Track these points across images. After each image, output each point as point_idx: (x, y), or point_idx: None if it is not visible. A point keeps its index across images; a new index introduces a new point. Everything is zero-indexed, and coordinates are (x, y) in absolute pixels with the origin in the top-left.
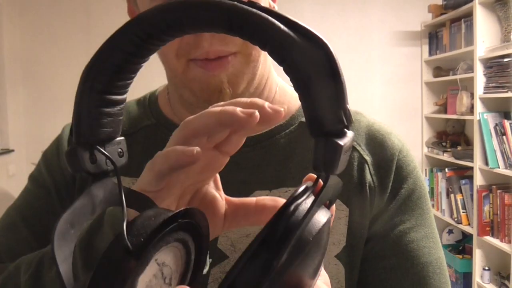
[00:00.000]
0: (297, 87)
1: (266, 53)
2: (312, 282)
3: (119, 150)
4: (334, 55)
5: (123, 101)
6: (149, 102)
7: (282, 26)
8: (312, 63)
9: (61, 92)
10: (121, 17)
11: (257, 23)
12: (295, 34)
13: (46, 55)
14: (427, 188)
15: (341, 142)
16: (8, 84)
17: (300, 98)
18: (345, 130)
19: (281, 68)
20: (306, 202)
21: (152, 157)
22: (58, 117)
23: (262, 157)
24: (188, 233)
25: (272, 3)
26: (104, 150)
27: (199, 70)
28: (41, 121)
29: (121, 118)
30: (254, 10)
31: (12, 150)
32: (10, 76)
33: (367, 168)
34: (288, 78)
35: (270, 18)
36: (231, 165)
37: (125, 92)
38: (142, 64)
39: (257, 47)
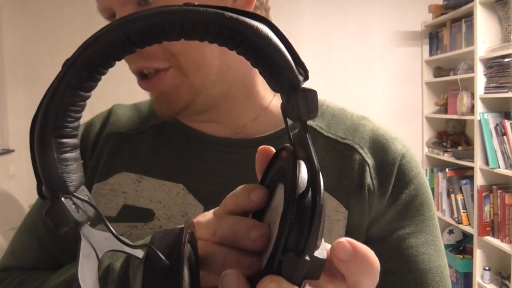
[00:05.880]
0: (257, 60)
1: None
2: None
3: (86, 195)
4: (277, 27)
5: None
6: None
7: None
8: (264, 37)
9: None
10: None
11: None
12: (242, 17)
13: (46, 55)
14: (431, 195)
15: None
16: (8, 84)
17: (263, 69)
18: (304, 81)
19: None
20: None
21: (157, 155)
22: None
23: None
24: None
25: None
26: (80, 196)
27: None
28: None
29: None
30: (207, 9)
31: (13, 150)
32: (10, 76)
33: (368, 171)
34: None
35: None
36: (235, 164)
37: (77, 135)
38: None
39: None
